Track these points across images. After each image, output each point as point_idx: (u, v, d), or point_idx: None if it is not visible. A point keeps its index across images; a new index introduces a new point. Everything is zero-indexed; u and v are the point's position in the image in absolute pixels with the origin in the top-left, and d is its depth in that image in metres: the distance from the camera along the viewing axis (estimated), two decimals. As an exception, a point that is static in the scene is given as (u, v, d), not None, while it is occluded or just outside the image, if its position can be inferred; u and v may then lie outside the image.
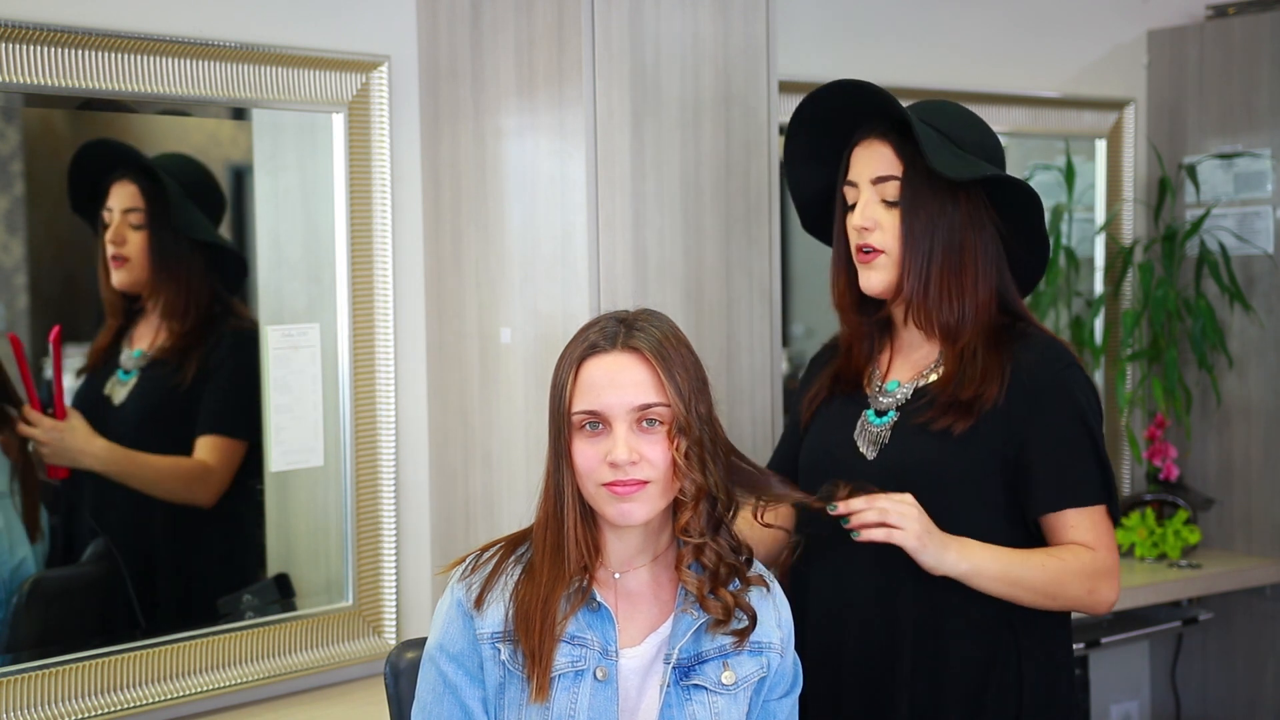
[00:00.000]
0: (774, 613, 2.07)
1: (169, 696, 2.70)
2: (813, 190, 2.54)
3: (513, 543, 2.07)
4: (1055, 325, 3.90)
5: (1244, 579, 3.83)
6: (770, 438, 2.97)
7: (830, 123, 2.45)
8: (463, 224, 2.93)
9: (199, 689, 2.73)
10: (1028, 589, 2.29)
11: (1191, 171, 3.96)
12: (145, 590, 2.87)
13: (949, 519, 2.29)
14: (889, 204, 2.36)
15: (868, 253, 2.38)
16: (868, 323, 2.47)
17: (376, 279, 2.95)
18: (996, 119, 3.84)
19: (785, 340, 3.54)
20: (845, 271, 2.46)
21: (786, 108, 3.42)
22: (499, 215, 2.85)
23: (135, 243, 2.79)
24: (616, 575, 2.04)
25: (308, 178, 2.93)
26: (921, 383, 2.40)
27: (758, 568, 2.10)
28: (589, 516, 2.01)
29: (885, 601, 2.36)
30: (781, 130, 3.04)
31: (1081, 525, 2.32)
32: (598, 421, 1.97)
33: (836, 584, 2.41)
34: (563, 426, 1.99)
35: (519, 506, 2.73)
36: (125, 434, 2.81)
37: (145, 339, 2.85)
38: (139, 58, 2.62)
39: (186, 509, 2.93)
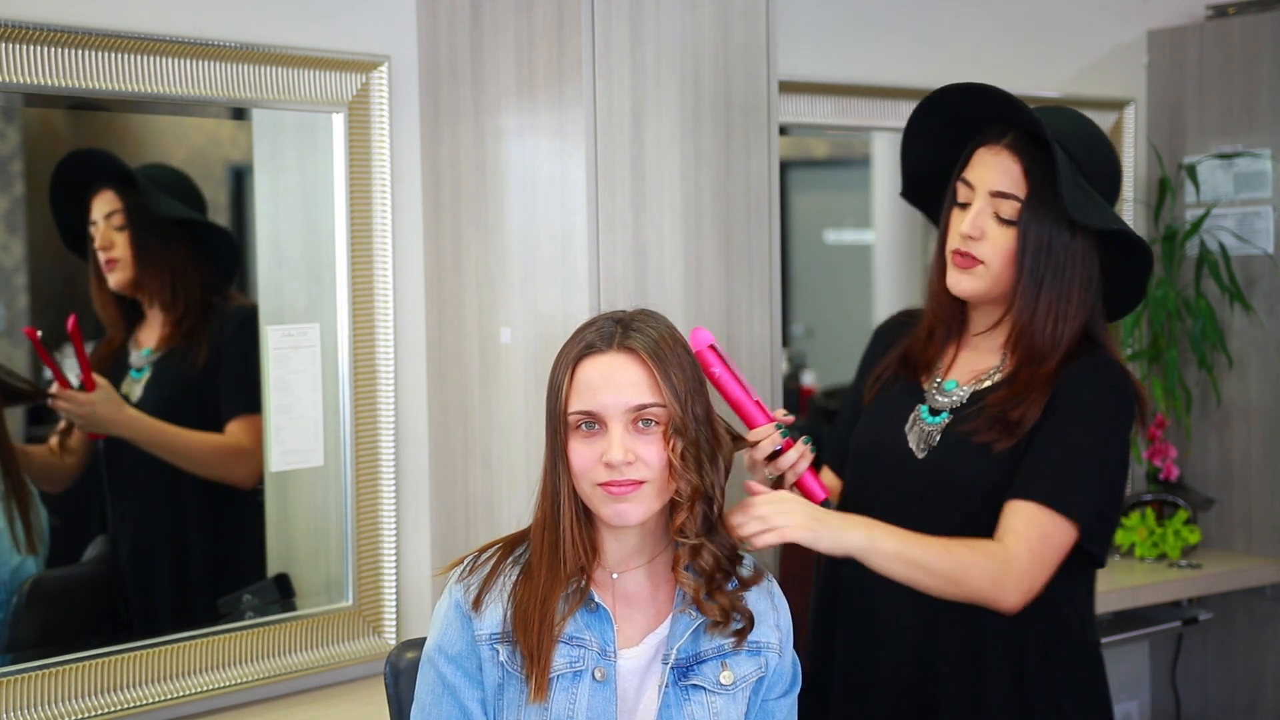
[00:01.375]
0: (772, 612, 2.07)
1: (169, 696, 2.70)
2: (926, 167, 2.51)
3: (510, 544, 2.07)
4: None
5: (1244, 579, 3.83)
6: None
7: (958, 113, 2.43)
8: (463, 224, 2.93)
9: (199, 689, 2.73)
10: (928, 573, 2.25)
11: (1191, 171, 3.96)
12: (145, 590, 2.88)
13: (980, 531, 2.30)
14: (1003, 220, 2.33)
15: (966, 258, 2.36)
16: (952, 315, 2.47)
17: (376, 279, 2.95)
18: (996, 119, 3.84)
19: (785, 340, 3.55)
20: (943, 264, 2.44)
21: (786, 108, 3.44)
22: (499, 215, 2.85)
23: (121, 242, 2.82)
24: (614, 576, 2.04)
25: (308, 178, 2.93)
26: (978, 388, 2.40)
27: (750, 563, 2.09)
28: (586, 517, 2.01)
29: (920, 643, 2.37)
30: (783, 130, 3.05)
31: (1016, 517, 2.28)
32: (593, 422, 1.97)
33: (869, 627, 2.43)
34: (559, 426, 1.99)
35: (519, 506, 2.73)
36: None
37: (151, 339, 2.86)
38: (139, 58, 2.62)
39: (187, 509, 2.93)
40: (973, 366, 2.43)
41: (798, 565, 3.01)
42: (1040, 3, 3.98)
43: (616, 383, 1.96)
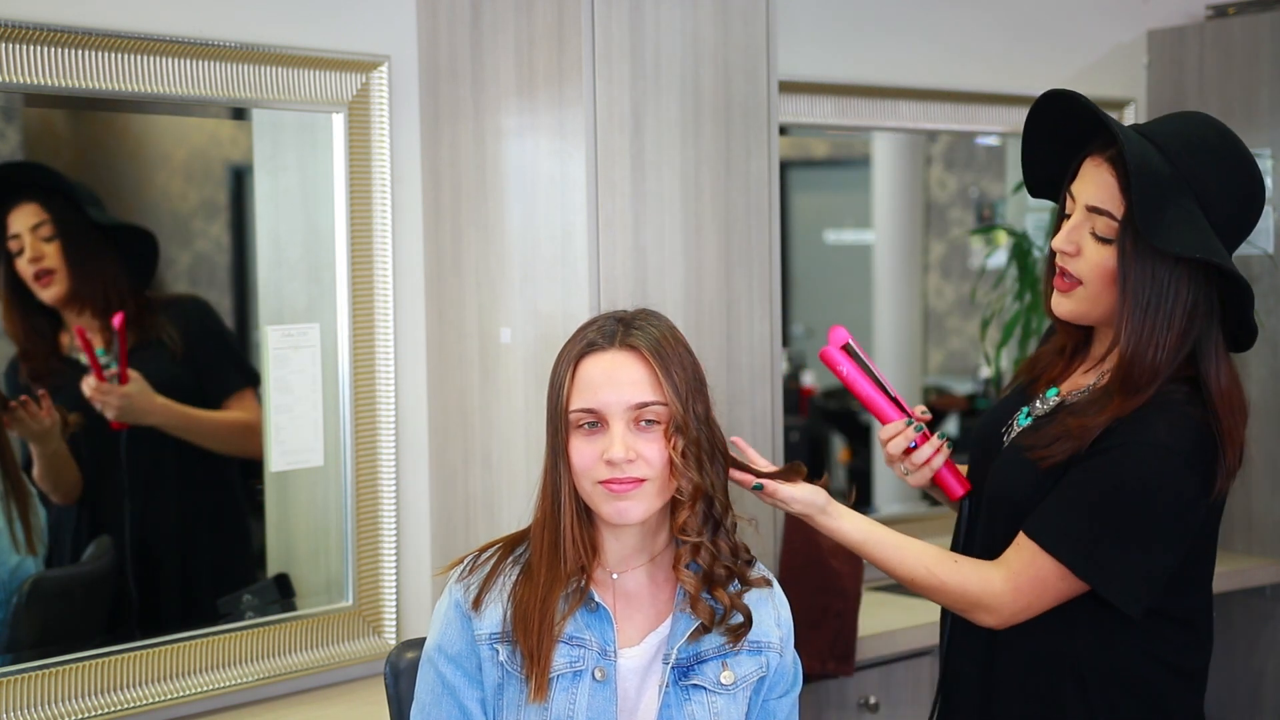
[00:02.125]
0: (773, 612, 2.07)
1: (169, 696, 2.70)
2: (1045, 175, 2.36)
3: (511, 543, 2.07)
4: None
5: (1244, 579, 3.83)
6: (770, 438, 2.97)
7: (1072, 116, 2.26)
8: (463, 224, 2.93)
9: (199, 689, 2.73)
10: (898, 575, 2.25)
11: (1192, 171, 3.96)
12: (145, 590, 2.88)
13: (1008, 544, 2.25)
14: (1099, 238, 2.19)
15: (1066, 279, 2.24)
16: (1076, 334, 2.34)
17: (376, 279, 2.95)
18: (997, 119, 3.84)
19: (785, 340, 3.55)
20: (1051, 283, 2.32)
21: (786, 108, 3.45)
22: (499, 215, 2.85)
23: (52, 253, 2.80)
24: (614, 575, 2.04)
25: (308, 178, 2.93)
26: (1068, 401, 2.29)
27: (760, 569, 2.10)
28: (586, 516, 2.01)
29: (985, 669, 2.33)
30: (783, 130, 3.05)
31: (1018, 553, 2.20)
32: (595, 420, 1.97)
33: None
34: (560, 425, 1.99)
35: (519, 506, 2.73)
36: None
37: (96, 339, 2.83)
38: (139, 58, 2.62)
39: (188, 510, 2.94)
40: (1077, 380, 2.32)
41: (798, 565, 3.01)
42: (1040, 3, 3.98)
43: (618, 380, 1.96)
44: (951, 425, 5.03)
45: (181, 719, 2.76)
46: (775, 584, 2.10)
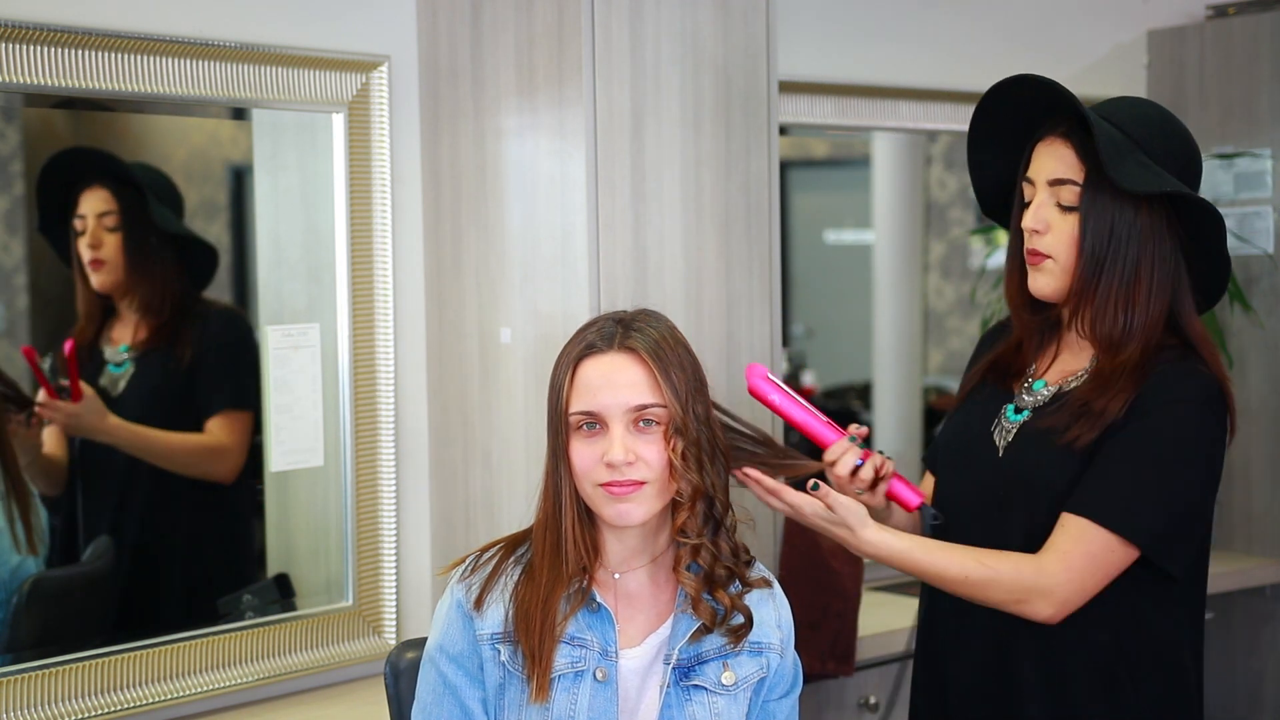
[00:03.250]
0: (774, 612, 2.07)
1: (169, 696, 2.70)
2: (995, 178, 2.44)
3: (512, 543, 2.07)
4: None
5: (1244, 579, 3.83)
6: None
7: (1015, 111, 2.35)
8: (463, 224, 2.93)
9: (199, 689, 2.73)
10: (947, 578, 2.23)
11: (1192, 171, 3.96)
12: (145, 590, 2.88)
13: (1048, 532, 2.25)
14: (1064, 208, 2.26)
15: (1034, 255, 2.30)
16: (1039, 321, 2.39)
17: (376, 279, 2.95)
18: (996, 119, 3.84)
19: (785, 340, 3.55)
20: (1018, 270, 2.38)
21: (786, 108, 3.45)
22: (499, 215, 2.85)
23: (111, 244, 2.83)
24: (616, 576, 2.04)
25: (308, 178, 2.93)
26: (1064, 388, 2.32)
27: (760, 569, 2.10)
28: (588, 517, 2.01)
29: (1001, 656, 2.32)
30: (783, 130, 3.05)
31: (1065, 533, 2.21)
32: (594, 422, 1.97)
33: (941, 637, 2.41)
34: (560, 427, 1.99)
35: (519, 507, 2.73)
36: (132, 419, 2.84)
37: (126, 336, 2.87)
38: (139, 58, 2.62)
39: (188, 510, 2.93)
40: (1064, 367, 2.35)
41: (798, 565, 3.01)
42: (1040, 3, 3.98)
43: (617, 383, 1.96)
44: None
45: (181, 719, 2.76)
46: (776, 585, 2.10)
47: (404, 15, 2.98)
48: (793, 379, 5.81)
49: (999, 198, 2.45)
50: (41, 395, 2.75)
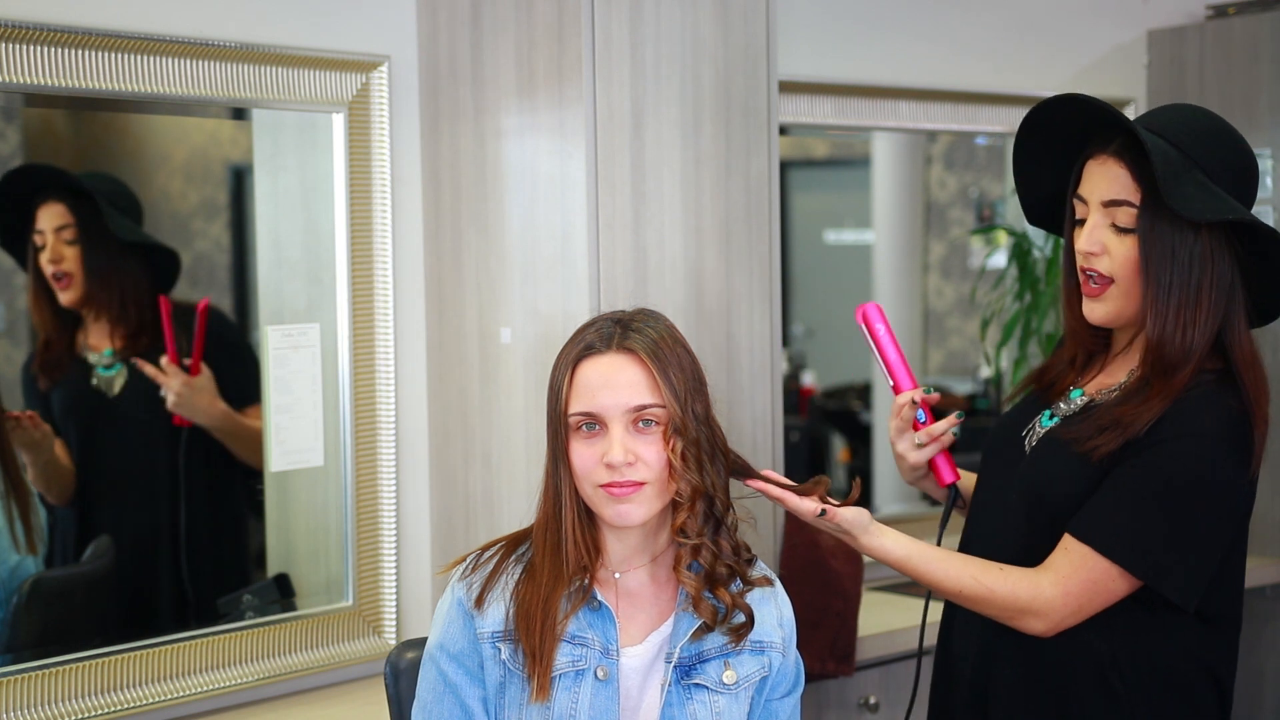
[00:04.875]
0: (776, 611, 2.07)
1: (169, 696, 2.70)
2: (1041, 191, 2.39)
3: (513, 542, 2.07)
4: (1055, 325, 3.89)
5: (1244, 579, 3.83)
6: (770, 438, 2.97)
7: (1063, 126, 2.30)
8: (463, 224, 2.93)
9: (199, 689, 2.73)
10: (944, 588, 2.23)
11: (1192, 171, 3.96)
12: (145, 590, 2.88)
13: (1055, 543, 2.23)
14: (1120, 230, 2.20)
15: (1095, 283, 2.24)
16: (1097, 337, 2.35)
17: (376, 279, 2.95)
18: (996, 119, 3.84)
19: (785, 340, 3.55)
20: (1075, 290, 2.31)
21: (786, 108, 3.45)
22: (499, 215, 2.85)
23: (71, 257, 2.84)
24: (617, 575, 2.04)
25: (308, 178, 2.93)
26: (1098, 400, 2.28)
27: (762, 568, 2.09)
28: (588, 517, 2.01)
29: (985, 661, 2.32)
30: (783, 130, 3.06)
31: (1065, 556, 2.19)
32: (594, 422, 1.97)
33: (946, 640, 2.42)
34: (560, 428, 1.99)
35: (519, 506, 2.73)
36: (134, 419, 2.84)
37: (103, 342, 2.86)
38: (139, 58, 2.62)
39: (188, 511, 2.93)
40: (1104, 380, 2.32)
41: (799, 565, 3.02)
42: (1040, 3, 3.98)
43: (616, 383, 1.96)
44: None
45: (181, 719, 2.76)
46: (777, 583, 2.10)
47: (404, 15, 2.98)
48: (793, 379, 5.82)
49: (1046, 210, 2.40)
50: (164, 359, 2.82)
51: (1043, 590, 2.19)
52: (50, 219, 2.82)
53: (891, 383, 2.41)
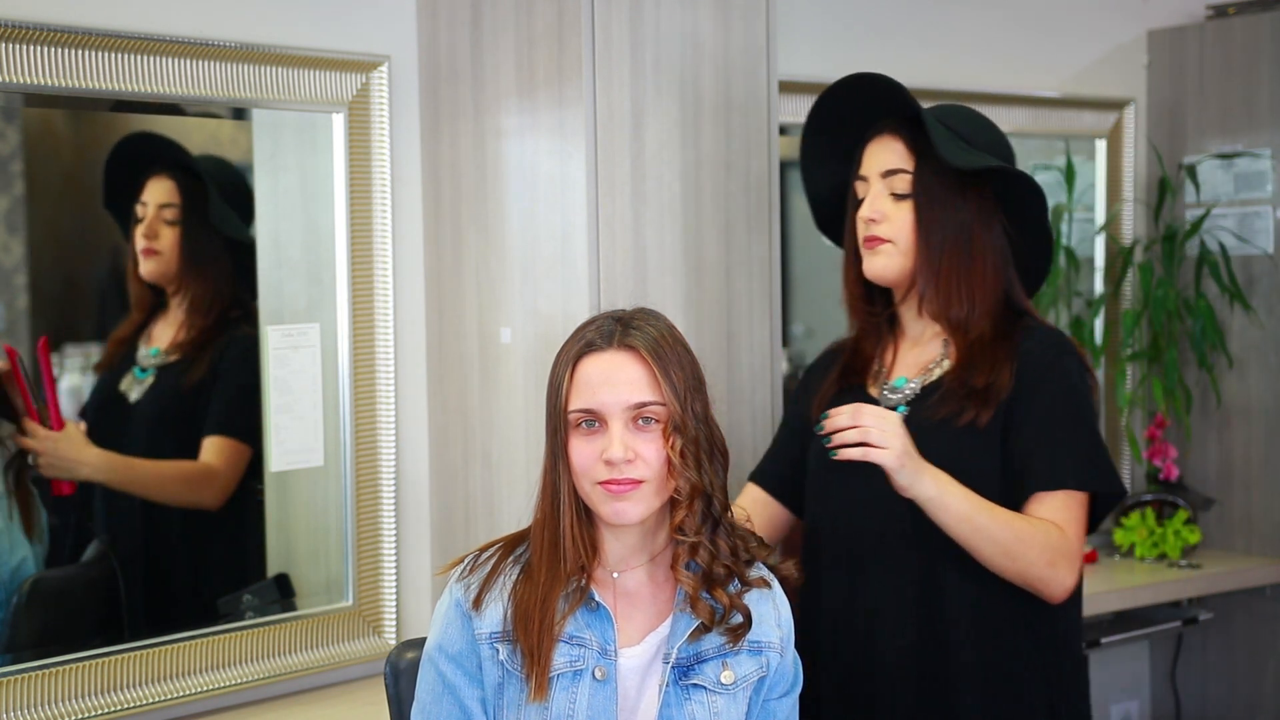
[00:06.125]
0: (774, 612, 2.07)
1: (169, 696, 2.70)
2: (828, 188, 2.60)
3: (511, 543, 2.07)
4: (1055, 325, 3.90)
5: (1244, 579, 3.83)
6: (770, 438, 2.97)
7: (845, 122, 2.50)
8: (463, 224, 2.93)
9: (199, 689, 2.73)
10: (988, 540, 2.28)
11: (1191, 171, 3.96)
12: (145, 590, 2.87)
13: None
14: (898, 197, 2.41)
15: (872, 240, 2.43)
16: (877, 315, 2.52)
17: (376, 279, 2.95)
18: (996, 119, 3.78)
19: (785, 340, 3.54)
20: (854, 265, 2.51)
21: (786, 108, 3.44)
22: (499, 215, 2.85)
23: (168, 237, 2.81)
24: (615, 575, 2.04)
25: (308, 178, 2.93)
26: (929, 378, 2.44)
27: (760, 569, 2.09)
28: (586, 516, 2.01)
29: (927, 604, 2.37)
30: (782, 130, 3.05)
31: (1052, 505, 2.33)
32: (594, 420, 1.97)
33: (851, 597, 2.43)
34: (559, 425, 1.99)
35: (519, 506, 2.73)
36: (141, 432, 2.83)
37: (165, 337, 2.85)
38: (139, 58, 2.62)
39: (189, 511, 2.93)
40: (916, 359, 2.47)
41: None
42: (1040, 3, 3.98)
43: (616, 380, 1.96)
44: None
45: (181, 719, 2.76)
46: (775, 584, 2.10)
47: (404, 15, 2.98)
48: (793, 379, 5.80)
49: (833, 207, 2.59)
50: (24, 420, 2.60)
51: (1066, 533, 2.31)
52: (156, 194, 2.79)
53: None
